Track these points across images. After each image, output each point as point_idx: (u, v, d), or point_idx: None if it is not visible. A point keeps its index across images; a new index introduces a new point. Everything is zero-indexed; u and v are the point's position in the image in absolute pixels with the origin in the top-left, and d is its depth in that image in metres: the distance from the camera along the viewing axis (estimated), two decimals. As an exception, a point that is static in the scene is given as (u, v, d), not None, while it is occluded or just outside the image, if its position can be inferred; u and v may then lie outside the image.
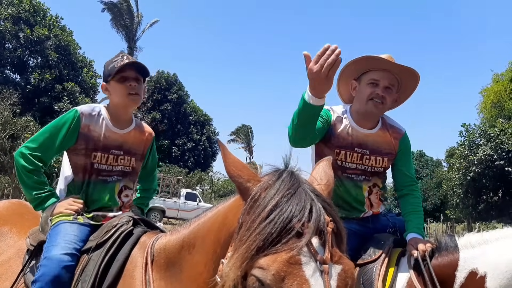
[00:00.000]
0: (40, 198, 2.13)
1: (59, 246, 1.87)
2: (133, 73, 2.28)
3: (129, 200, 2.36)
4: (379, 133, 2.44)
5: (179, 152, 38.49)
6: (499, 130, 22.75)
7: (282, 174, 1.24)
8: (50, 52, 25.45)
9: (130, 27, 39.68)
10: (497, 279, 1.81)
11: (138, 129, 2.41)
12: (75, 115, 2.19)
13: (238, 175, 1.27)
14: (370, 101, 2.34)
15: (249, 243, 1.09)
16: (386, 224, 2.45)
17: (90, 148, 2.20)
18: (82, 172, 2.22)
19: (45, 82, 24.87)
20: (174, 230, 1.76)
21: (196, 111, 41.54)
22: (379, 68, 2.36)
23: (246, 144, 58.38)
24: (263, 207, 1.14)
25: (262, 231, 1.09)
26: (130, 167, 2.35)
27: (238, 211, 1.29)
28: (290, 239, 1.07)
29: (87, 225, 2.07)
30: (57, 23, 26.96)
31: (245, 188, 1.25)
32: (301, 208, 1.12)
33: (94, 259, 1.82)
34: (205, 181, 39.99)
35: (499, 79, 26.55)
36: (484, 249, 1.94)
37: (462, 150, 24.34)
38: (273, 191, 1.17)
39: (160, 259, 1.70)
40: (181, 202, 21.52)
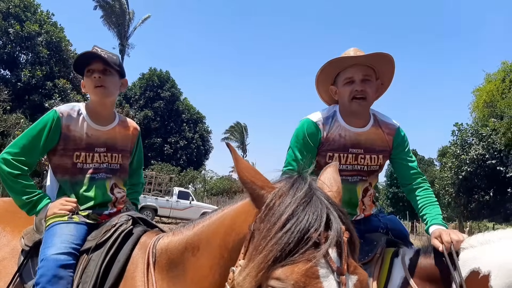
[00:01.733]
0: (32, 202, 2.08)
1: (55, 247, 1.85)
2: (100, 65, 2.20)
3: (122, 196, 2.31)
4: (371, 131, 2.38)
5: (172, 150, 38.36)
6: (491, 130, 22.96)
7: (296, 181, 1.21)
8: (41, 49, 25.19)
9: (122, 24, 39.49)
10: (502, 278, 1.75)
11: (122, 125, 2.36)
12: (54, 116, 2.15)
13: (252, 182, 1.24)
14: (352, 100, 2.30)
15: (266, 252, 1.06)
16: (378, 225, 2.41)
17: (71, 148, 2.16)
18: (64, 172, 2.17)
19: (36, 79, 24.61)
20: (176, 231, 1.73)
21: (189, 108, 41.43)
22: (348, 66, 2.32)
23: (240, 143, 58.35)
24: (279, 216, 1.11)
25: (279, 240, 1.06)
26: (117, 164, 2.30)
27: (248, 217, 1.28)
28: (308, 249, 1.05)
29: (83, 224, 2.04)
30: (48, 19, 26.69)
31: (259, 196, 1.22)
32: (317, 217, 1.10)
33: (95, 260, 1.80)
34: (197, 179, 39.90)
35: (491, 79, 26.71)
36: (485, 249, 1.88)
37: (455, 150, 24.55)
38: (288, 199, 1.15)
39: (162, 259, 1.67)
40: (173, 201, 21.37)
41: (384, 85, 2.49)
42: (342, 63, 2.33)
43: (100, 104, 2.26)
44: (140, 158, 2.57)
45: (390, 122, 2.47)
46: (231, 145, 1.33)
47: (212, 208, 22.90)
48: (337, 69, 2.36)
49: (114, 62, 2.24)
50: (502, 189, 23.08)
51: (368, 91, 2.30)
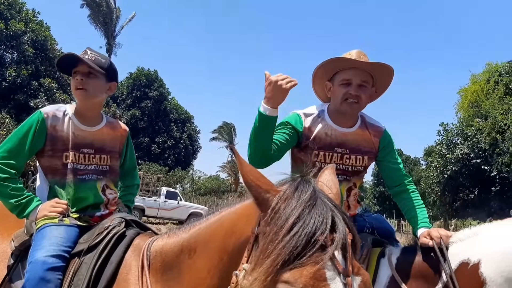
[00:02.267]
0: (21, 205, 2.06)
1: (44, 249, 1.83)
2: (85, 67, 2.19)
3: (114, 197, 2.29)
4: (358, 132, 2.40)
5: (159, 150, 38.15)
6: (476, 130, 23.30)
7: (300, 183, 1.23)
8: (26, 48, 24.83)
9: (109, 23, 39.09)
10: (492, 264, 1.80)
11: (109, 126, 2.35)
12: (39, 117, 2.13)
13: (257, 185, 1.24)
14: (345, 101, 2.31)
15: (274, 256, 1.07)
16: (363, 224, 2.42)
17: (59, 149, 2.15)
18: (54, 173, 2.16)
19: (21, 78, 24.26)
20: (171, 233, 1.71)
21: (177, 108, 41.26)
22: (349, 67, 2.32)
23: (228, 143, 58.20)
24: (285, 219, 1.13)
25: (287, 244, 1.08)
26: (106, 165, 2.28)
27: (250, 220, 1.30)
28: (315, 252, 1.07)
29: (74, 226, 2.02)
30: (34, 18, 26.34)
31: (264, 199, 1.22)
32: (323, 219, 1.12)
33: (87, 262, 1.77)
34: (185, 179, 39.75)
35: (477, 80, 27.14)
36: (474, 241, 1.93)
37: (440, 149, 24.85)
38: (294, 202, 1.16)
39: (157, 262, 1.65)
40: (161, 201, 21.22)
41: (377, 93, 2.52)
42: (345, 64, 2.33)
43: (82, 106, 2.25)
44: (133, 159, 2.55)
45: (377, 124, 2.49)
46: (236, 149, 1.33)
47: (200, 208, 22.86)
48: (337, 68, 2.37)
49: (100, 65, 2.22)
50: (487, 187, 23.43)
51: (362, 96, 2.32)
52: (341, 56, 2.39)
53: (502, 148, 21.11)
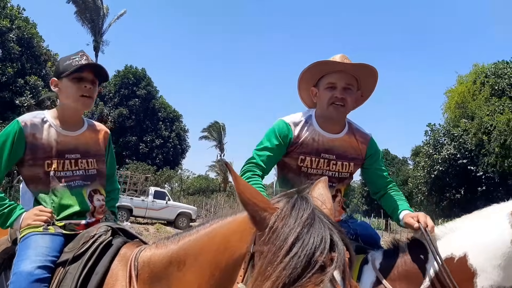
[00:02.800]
0: (4, 215, 2.01)
1: (29, 260, 1.78)
2: (91, 75, 2.18)
3: (101, 205, 2.24)
4: (345, 138, 2.40)
5: (147, 149, 37.86)
6: (462, 130, 23.59)
7: (297, 201, 1.20)
8: (12, 45, 24.41)
9: (96, 21, 38.63)
10: (480, 254, 1.84)
11: (91, 129, 2.31)
12: (16, 126, 2.07)
13: (254, 204, 1.20)
14: (331, 105, 2.31)
15: (274, 279, 1.05)
16: (347, 231, 2.40)
17: (40, 157, 2.09)
18: (36, 183, 2.11)
19: (6, 75, 23.82)
20: (159, 243, 1.68)
21: (165, 107, 40.98)
22: (333, 71, 2.33)
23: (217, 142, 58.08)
24: (284, 239, 1.10)
25: (287, 266, 1.05)
26: (94, 169, 2.24)
27: (244, 236, 1.28)
28: (315, 273, 1.06)
29: (59, 235, 1.97)
30: (19, 14, 25.91)
31: (261, 218, 1.19)
32: (322, 239, 1.10)
33: (72, 272, 1.73)
34: (174, 179, 39.54)
35: (463, 81, 27.45)
36: (452, 236, 1.97)
37: (427, 149, 25.11)
38: (291, 221, 1.14)
39: (144, 273, 1.61)
40: (149, 201, 21.06)
41: (363, 98, 2.52)
42: (329, 67, 2.33)
43: (73, 111, 2.21)
44: (113, 163, 2.51)
45: (364, 131, 2.50)
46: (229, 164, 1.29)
47: (189, 208, 22.77)
48: (322, 72, 2.36)
49: (104, 74, 2.24)
50: (473, 187, 23.75)
51: (348, 99, 2.32)
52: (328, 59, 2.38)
53: (488, 149, 21.42)
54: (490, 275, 1.82)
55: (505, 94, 23.17)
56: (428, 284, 1.91)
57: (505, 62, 25.25)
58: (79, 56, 2.17)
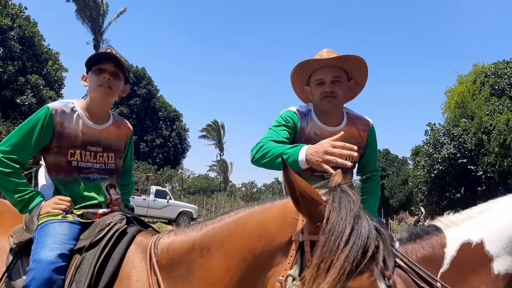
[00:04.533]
0: (24, 201, 2.04)
1: (48, 247, 1.80)
2: (112, 67, 2.21)
3: (117, 198, 2.28)
4: (345, 129, 2.43)
5: (148, 149, 37.88)
6: (462, 130, 23.57)
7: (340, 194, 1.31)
8: (13, 43, 24.46)
9: (96, 19, 38.62)
10: (496, 241, 1.94)
11: (116, 124, 2.35)
12: (47, 112, 2.10)
13: (311, 198, 1.30)
14: (323, 100, 2.39)
15: (339, 266, 1.16)
16: None
17: (65, 146, 2.12)
18: (58, 171, 2.12)
19: (7, 74, 23.88)
20: (178, 231, 1.72)
21: (166, 106, 40.97)
22: (319, 67, 2.40)
23: (217, 141, 58.07)
24: (341, 231, 1.21)
25: (349, 254, 1.17)
26: (113, 164, 2.27)
27: (285, 225, 1.37)
28: (368, 260, 1.19)
29: (77, 223, 2.00)
30: (21, 13, 25.94)
31: (317, 211, 1.28)
32: (370, 229, 1.24)
33: (89, 259, 1.76)
34: (174, 178, 39.53)
35: (463, 80, 27.42)
36: (470, 223, 2.05)
37: (427, 149, 25.08)
38: (343, 213, 1.24)
39: (163, 259, 1.66)
40: (150, 200, 21.12)
41: (360, 84, 2.57)
42: (311, 66, 2.41)
43: (99, 103, 2.25)
44: (132, 158, 2.56)
45: (364, 117, 2.57)
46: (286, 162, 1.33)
47: (190, 207, 22.77)
48: (309, 70, 2.44)
49: (126, 67, 2.27)
50: (473, 187, 23.73)
51: (338, 91, 2.39)
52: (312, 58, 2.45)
53: (488, 149, 21.42)
54: (505, 260, 1.91)
55: (505, 94, 23.17)
56: (447, 267, 1.99)
57: (505, 62, 25.23)
58: (104, 50, 2.23)
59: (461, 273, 1.96)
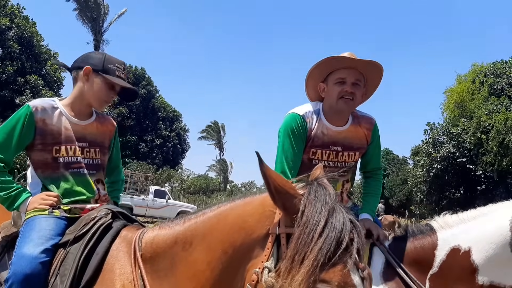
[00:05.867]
0: (11, 198, 2.05)
1: (32, 243, 1.82)
2: (119, 87, 2.31)
3: (105, 194, 2.29)
4: (350, 129, 2.49)
5: (147, 149, 37.87)
6: (461, 129, 23.61)
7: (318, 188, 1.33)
8: (12, 44, 24.44)
9: (97, 19, 38.63)
10: (482, 251, 1.91)
11: (99, 120, 2.36)
12: (27, 110, 2.11)
13: (285, 191, 1.32)
14: (341, 99, 2.38)
15: (313, 258, 1.18)
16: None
17: (49, 142, 2.13)
18: (44, 168, 2.14)
19: (6, 74, 23.88)
20: (162, 225, 1.74)
21: (165, 106, 40.96)
22: (343, 67, 2.41)
23: (216, 142, 58.09)
24: (315, 223, 1.23)
25: (322, 246, 1.19)
26: (99, 159, 2.29)
27: (263, 218, 1.40)
28: (342, 252, 1.21)
29: (63, 219, 2.01)
30: (19, 13, 25.91)
31: (292, 204, 1.31)
32: (344, 222, 1.25)
33: (73, 253, 1.77)
34: (174, 178, 39.52)
35: (462, 80, 27.46)
36: (463, 227, 2.03)
37: (427, 148, 25.11)
38: (318, 206, 1.27)
39: (147, 253, 1.67)
40: (149, 200, 21.10)
41: (366, 95, 2.61)
42: (339, 63, 2.41)
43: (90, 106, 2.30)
44: (119, 154, 2.56)
45: (368, 116, 2.60)
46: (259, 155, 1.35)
47: (189, 207, 22.74)
48: (331, 68, 2.44)
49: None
50: (472, 186, 23.79)
51: (357, 94, 2.41)
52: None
53: (487, 148, 21.45)
54: (491, 272, 1.90)
55: (504, 93, 23.21)
56: (436, 270, 1.99)
57: (504, 62, 25.27)
58: (122, 69, 2.28)
59: (448, 279, 1.97)
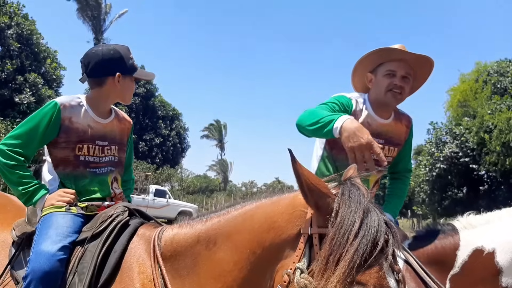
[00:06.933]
0: (28, 193, 2.05)
1: (50, 240, 1.82)
2: None
3: (120, 192, 2.31)
4: (392, 123, 2.47)
5: (147, 148, 37.77)
6: (465, 129, 23.46)
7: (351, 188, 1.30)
8: (11, 42, 24.28)
9: (98, 18, 38.56)
10: (508, 253, 1.87)
11: (117, 118, 2.38)
12: (55, 107, 2.10)
13: (319, 190, 1.29)
14: (389, 92, 2.36)
15: (349, 259, 1.16)
16: None
17: (73, 140, 2.12)
18: (65, 165, 2.13)
19: (6, 72, 23.71)
20: (182, 224, 1.73)
21: (165, 105, 40.85)
22: (394, 59, 2.37)
23: (218, 141, 58.07)
24: (351, 224, 1.21)
25: (358, 248, 1.17)
26: (118, 157, 2.31)
27: (293, 218, 1.38)
28: (377, 254, 1.19)
29: (80, 216, 2.02)
30: (19, 11, 25.76)
31: (325, 203, 1.28)
32: (379, 222, 1.23)
33: (91, 250, 1.78)
34: (174, 177, 39.47)
35: (466, 79, 27.30)
36: (487, 228, 1.98)
37: (429, 147, 24.99)
38: (353, 206, 1.24)
39: (166, 252, 1.66)
40: (150, 199, 21.06)
41: (412, 89, 2.55)
42: (391, 54, 2.37)
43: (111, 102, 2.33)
44: (132, 153, 2.58)
45: (407, 114, 2.58)
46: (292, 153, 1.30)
47: (190, 206, 22.71)
48: (382, 59, 2.40)
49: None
50: (475, 186, 23.66)
51: (406, 88, 2.38)
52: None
53: (490, 148, 21.30)
54: None
55: (508, 93, 23.05)
56: (457, 271, 1.96)
57: (508, 61, 25.13)
58: (133, 58, 2.32)
59: (470, 280, 1.92)
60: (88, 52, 2.25)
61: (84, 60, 2.24)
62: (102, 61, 2.21)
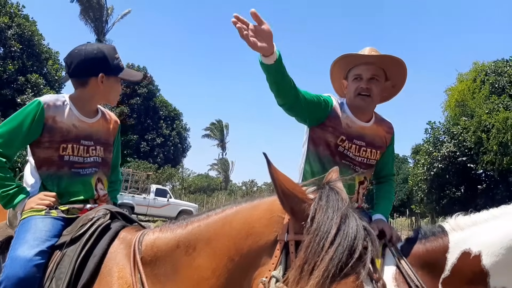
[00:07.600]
0: (8, 196, 1.98)
1: (27, 244, 1.75)
2: None
3: (104, 193, 2.23)
4: (373, 127, 2.52)
5: (148, 148, 37.92)
6: (462, 128, 23.53)
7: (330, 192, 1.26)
8: (12, 42, 24.42)
9: (100, 20, 38.67)
10: (492, 256, 1.87)
11: (104, 117, 2.32)
12: (38, 107, 2.03)
13: (294, 195, 1.24)
14: (358, 96, 2.41)
15: (324, 268, 1.11)
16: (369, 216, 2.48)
17: (57, 140, 2.07)
18: (49, 166, 2.07)
19: (7, 73, 23.85)
20: (163, 227, 1.67)
21: (166, 105, 41.00)
22: (359, 63, 2.43)
23: (219, 141, 58.07)
24: (326, 231, 1.16)
25: (334, 255, 1.12)
26: (103, 157, 2.25)
27: (271, 224, 1.32)
28: (354, 262, 1.13)
29: (60, 219, 1.95)
30: (19, 12, 25.87)
31: (301, 209, 1.23)
32: (357, 229, 1.17)
33: (69, 255, 1.70)
34: (175, 177, 39.57)
35: (463, 79, 27.34)
36: (474, 230, 1.98)
37: (427, 147, 25.05)
38: (330, 212, 1.19)
39: (147, 256, 1.60)
40: (150, 199, 21.15)
41: (396, 87, 2.61)
42: (355, 59, 2.44)
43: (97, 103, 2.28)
44: (119, 153, 2.50)
45: (388, 121, 2.63)
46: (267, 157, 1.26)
47: (190, 205, 22.79)
48: (349, 64, 2.47)
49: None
50: (473, 185, 23.73)
51: (374, 89, 2.42)
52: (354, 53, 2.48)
53: (487, 147, 21.40)
54: (502, 277, 1.86)
55: (505, 92, 23.14)
56: (448, 274, 1.95)
57: (505, 61, 25.19)
58: (119, 58, 2.23)
59: (461, 283, 1.92)
60: (71, 51, 2.17)
61: (67, 60, 2.17)
62: (85, 61, 2.12)
